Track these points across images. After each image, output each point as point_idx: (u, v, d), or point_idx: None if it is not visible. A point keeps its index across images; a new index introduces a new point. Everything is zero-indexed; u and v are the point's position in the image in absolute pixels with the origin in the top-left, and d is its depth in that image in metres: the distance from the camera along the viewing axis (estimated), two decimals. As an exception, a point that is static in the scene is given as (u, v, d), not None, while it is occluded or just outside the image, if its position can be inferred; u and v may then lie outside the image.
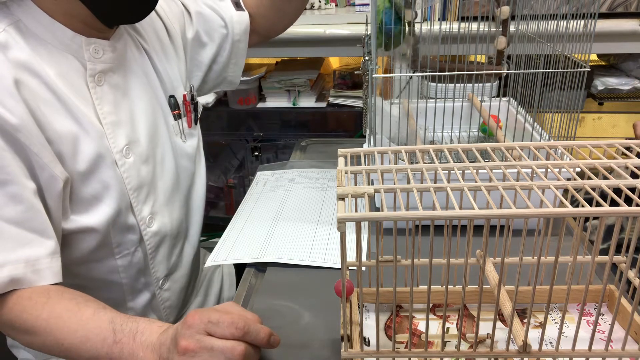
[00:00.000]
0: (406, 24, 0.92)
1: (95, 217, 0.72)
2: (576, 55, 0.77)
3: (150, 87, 0.83)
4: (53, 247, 0.66)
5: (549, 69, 0.77)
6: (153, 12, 0.82)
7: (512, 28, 0.87)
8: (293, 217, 0.90)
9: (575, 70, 0.76)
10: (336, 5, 1.67)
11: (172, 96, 0.86)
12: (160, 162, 0.83)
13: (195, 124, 0.93)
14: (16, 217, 0.64)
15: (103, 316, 0.62)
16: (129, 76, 0.79)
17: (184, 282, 0.91)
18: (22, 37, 0.68)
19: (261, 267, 0.78)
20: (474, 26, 0.81)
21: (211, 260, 0.79)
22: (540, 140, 0.86)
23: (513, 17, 0.83)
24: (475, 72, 0.87)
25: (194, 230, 0.93)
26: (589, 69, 0.76)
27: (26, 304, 0.63)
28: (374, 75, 0.78)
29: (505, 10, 0.86)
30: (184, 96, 0.89)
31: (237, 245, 0.82)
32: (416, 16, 0.91)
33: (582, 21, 0.74)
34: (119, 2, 0.71)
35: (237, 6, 0.97)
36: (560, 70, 0.77)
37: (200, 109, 0.97)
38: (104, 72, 0.74)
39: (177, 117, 0.87)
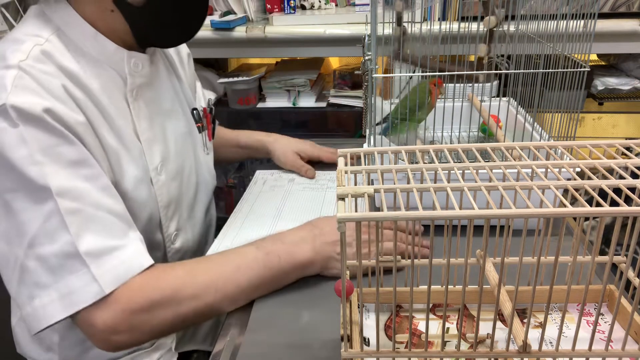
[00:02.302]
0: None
1: None
2: (576, 55, 0.77)
3: (178, 100, 0.84)
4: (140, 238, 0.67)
5: (548, 69, 0.77)
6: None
7: (512, 28, 0.86)
8: (293, 217, 0.90)
9: (575, 70, 0.76)
10: (336, 5, 1.67)
11: (194, 109, 0.88)
12: (187, 177, 0.84)
13: (213, 137, 0.95)
14: (114, 209, 0.64)
15: (234, 248, 0.68)
16: (160, 90, 0.80)
17: None
18: (66, 47, 0.67)
19: (261, 267, 0.78)
20: (474, 26, 0.81)
21: None
22: (540, 140, 0.86)
23: (513, 17, 0.83)
24: (475, 72, 0.87)
25: (209, 244, 0.93)
26: (589, 69, 0.76)
27: (157, 272, 0.64)
28: (374, 75, 0.78)
29: (491, 20, 0.85)
30: (204, 110, 0.91)
31: (235, 244, 0.82)
32: (406, 7, 0.92)
33: (582, 21, 0.74)
34: (162, 27, 0.72)
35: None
36: (560, 70, 0.77)
37: (217, 123, 0.99)
38: (141, 86, 0.74)
39: (200, 129, 0.88)
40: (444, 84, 0.99)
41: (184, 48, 0.94)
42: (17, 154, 0.58)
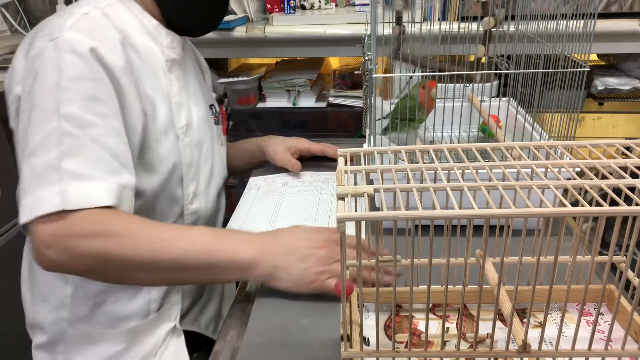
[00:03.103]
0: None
1: (153, 177, 0.80)
2: (576, 55, 0.77)
3: (201, 90, 0.96)
4: (134, 181, 0.72)
5: (549, 69, 0.77)
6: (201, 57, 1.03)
7: (512, 28, 0.86)
8: (291, 220, 0.90)
9: (575, 70, 0.76)
10: (336, 5, 1.67)
11: (211, 105, 0.99)
12: (205, 153, 0.92)
13: (227, 133, 1.06)
14: (112, 148, 0.70)
15: (199, 227, 0.71)
16: (188, 73, 0.91)
17: None
18: (120, 15, 0.79)
19: (261, 267, 0.78)
20: (473, 26, 0.81)
21: None
22: (540, 140, 0.86)
23: (513, 17, 0.83)
24: (474, 72, 0.87)
25: (219, 227, 1.00)
26: (588, 69, 0.76)
27: (115, 215, 0.67)
28: (374, 75, 0.78)
29: (489, 21, 0.85)
30: (221, 107, 1.04)
31: None
32: (406, 7, 0.92)
33: (582, 21, 0.74)
34: (188, 15, 0.85)
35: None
36: (560, 70, 0.77)
37: (230, 123, 1.11)
38: (174, 62, 0.85)
39: (216, 122, 0.99)
40: (445, 84, 0.99)
41: (204, 62, 1.04)
42: (50, 77, 0.68)
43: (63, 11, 0.76)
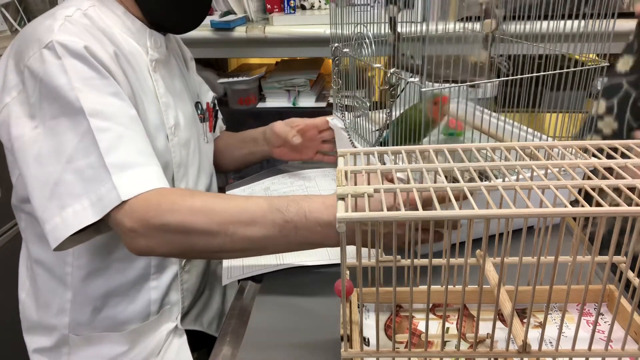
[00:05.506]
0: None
1: None
2: (576, 56, 0.77)
3: (185, 87, 0.93)
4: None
5: (555, 69, 0.76)
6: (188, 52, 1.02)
7: (513, 27, 0.86)
8: None
9: (591, 67, 0.74)
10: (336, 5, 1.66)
11: (197, 102, 0.98)
12: (192, 152, 0.91)
13: (214, 130, 1.05)
14: (139, 134, 0.72)
15: (256, 201, 0.67)
16: (172, 72, 0.90)
17: (201, 269, 0.94)
18: (103, 15, 0.78)
19: (261, 267, 0.78)
20: (476, 29, 0.80)
21: (226, 277, 0.78)
22: (534, 141, 0.86)
23: (514, 17, 0.82)
24: (490, 80, 0.86)
25: None
26: (608, 64, 0.75)
27: (174, 197, 0.68)
28: (423, 90, 0.72)
29: (487, 24, 0.85)
30: (207, 104, 1.01)
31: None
32: (399, 11, 0.91)
33: (592, 21, 0.73)
34: (169, 13, 0.82)
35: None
36: (578, 68, 0.74)
37: (220, 117, 1.10)
38: (158, 61, 0.84)
39: (202, 120, 0.98)
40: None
41: (188, 52, 1.02)
42: (59, 81, 0.68)
43: (44, 15, 0.75)
